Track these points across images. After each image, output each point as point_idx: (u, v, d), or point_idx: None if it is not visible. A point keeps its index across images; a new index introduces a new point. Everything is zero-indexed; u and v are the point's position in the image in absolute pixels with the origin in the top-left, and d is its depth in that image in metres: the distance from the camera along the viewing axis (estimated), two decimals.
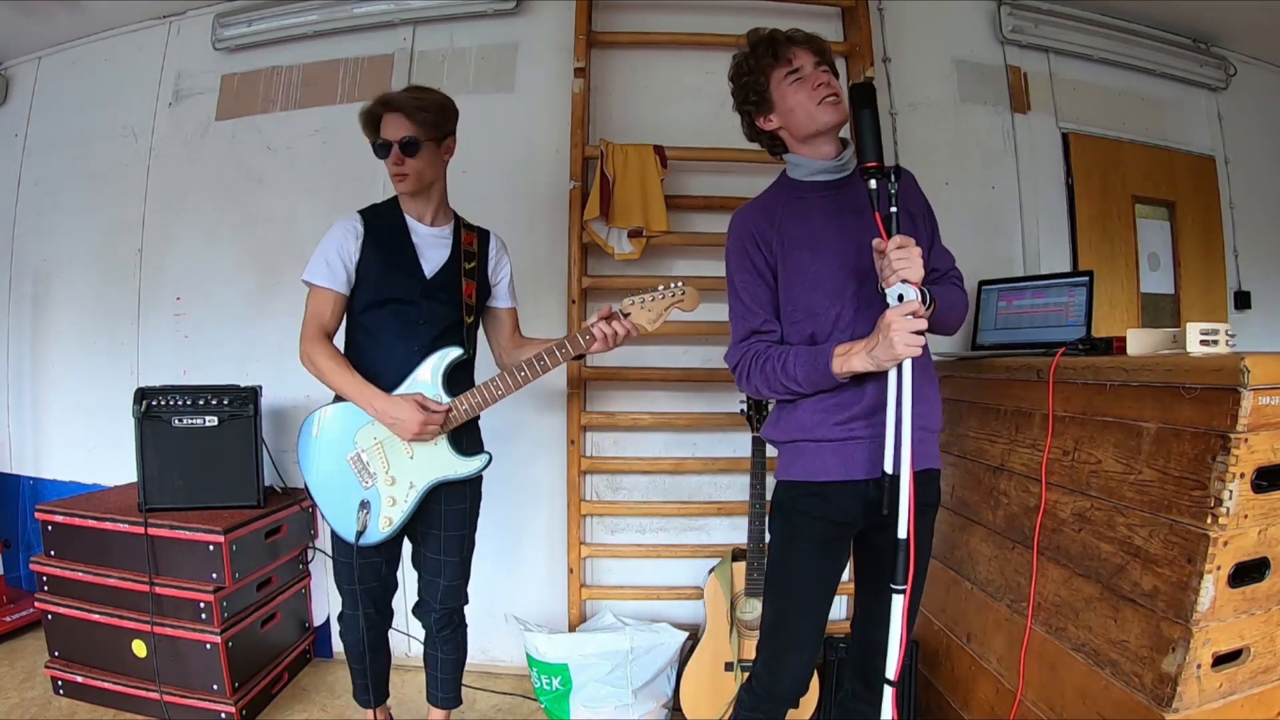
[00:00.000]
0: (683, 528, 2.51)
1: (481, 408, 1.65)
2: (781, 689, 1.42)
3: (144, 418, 2.11)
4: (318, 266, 1.62)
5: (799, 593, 1.41)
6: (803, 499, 1.39)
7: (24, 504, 2.82)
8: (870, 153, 1.24)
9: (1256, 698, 1.27)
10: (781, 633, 1.42)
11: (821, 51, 1.38)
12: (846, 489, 1.34)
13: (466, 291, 1.70)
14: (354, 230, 1.63)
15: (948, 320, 1.40)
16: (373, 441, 1.64)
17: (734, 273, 1.43)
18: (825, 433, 1.35)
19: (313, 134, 2.58)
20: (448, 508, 1.71)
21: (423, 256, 1.67)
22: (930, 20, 2.58)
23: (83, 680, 2.16)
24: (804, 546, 1.39)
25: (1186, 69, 2.74)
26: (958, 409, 2.05)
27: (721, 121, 2.50)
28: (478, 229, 1.79)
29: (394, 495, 1.64)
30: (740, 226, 1.44)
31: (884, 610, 1.28)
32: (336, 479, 1.65)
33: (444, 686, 1.85)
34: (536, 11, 2.54)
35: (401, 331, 1.63)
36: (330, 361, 1.59)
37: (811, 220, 1.40)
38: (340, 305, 1.65)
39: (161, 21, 2.74)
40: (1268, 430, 1.16)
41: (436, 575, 1.75)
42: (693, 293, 1.63)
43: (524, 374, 1.62)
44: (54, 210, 2.81)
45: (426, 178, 1.64)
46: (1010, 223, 2.59)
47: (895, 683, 1.21)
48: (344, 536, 1.64)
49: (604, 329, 1.60)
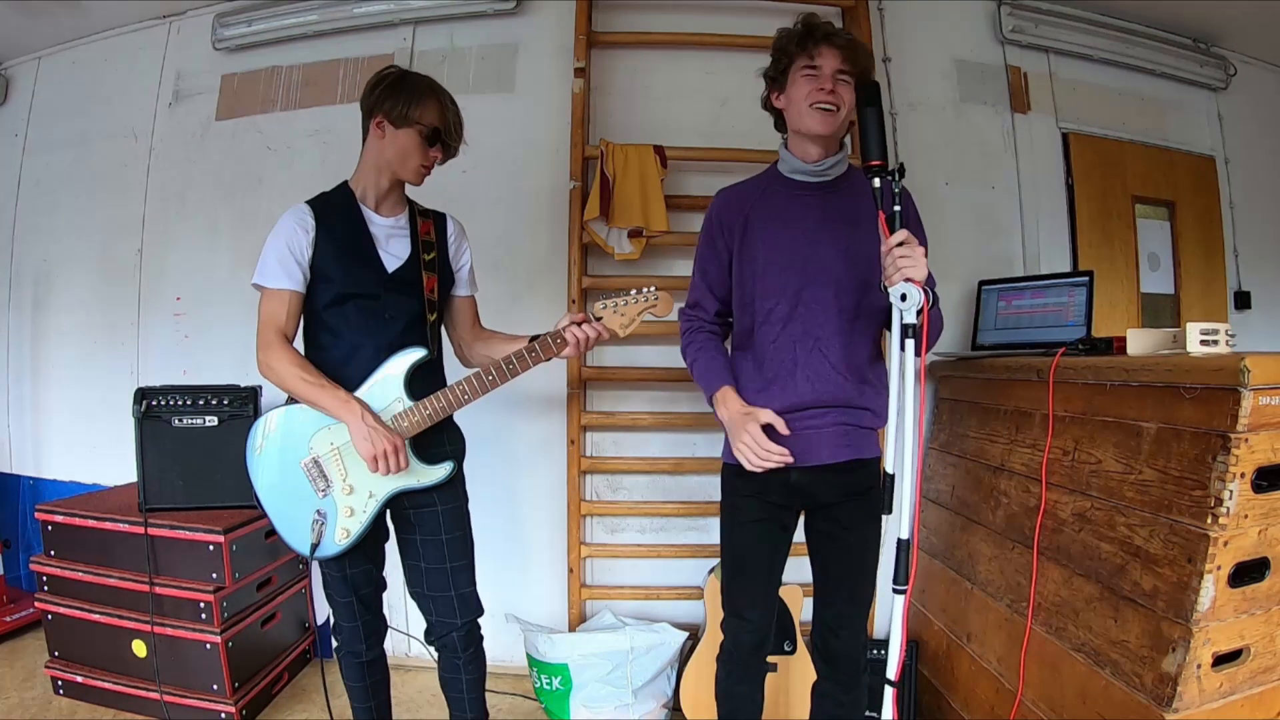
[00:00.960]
0: (683, 528, 2.50)
1: (446, 413, 1.53)
2: (746, 638, 1.55)
3: (144, 418, 2.11)
4: (269, 267, 1.47)
5: (741, 563, 1.54)
6: (736, 479, 1.50)
7: (24, 504, 2.82)
8: (874, 151, 1.24)
9: (1256, 698, 1.27)
10: (735, 595, 1.56)
11: (852, 60, 1.37)
12: (772, 476, 1.41)
13: (428, 286, 1.57)
14: (304, 223, 1.48)
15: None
16: (329, 447, 1.50)
17: (700, 244, 1.58)
18: None
19: (313, 134, 2.58)
20: (443, 507, 1.59)
21: (382, 249, 1.54)
22: (930, 20, 2.58)
23: (83, 680, 2.16)
24: (740, 522, 1.53)
25: (1186, 69, 2.74)
26: (958, 409, 2.05)
27: (721, 121, 2.52)
28: (433, 213, 1.65)
29: (351, 505, 1.50)
30: (715, 204, 1.56)
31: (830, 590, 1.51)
32: (288, 487, 1.50)
33: (474, 706, 1.69)
34: (536, 11, 2.54)
35: (368, 328, 1.51)
36: (296, 369, 1.44)
37: (778, 214, 1.46)
38: (298, 306, 1.50)
39: (161, 21, 2.74)
40: (1268, 430, 1.16)
41: (446, 589, 1.60)
42: (665, 298, 1.57)
43: (492, 377, 1.51)
44: (54, 210, 2.81)
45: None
46: (1010, 223, 2.59)
47: (896, 683, 1.21)
48: (297, 550, 1.51)
49: (576, 333, 1.53)
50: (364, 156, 1.56)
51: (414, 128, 1.49)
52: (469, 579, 1.64)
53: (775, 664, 1.99)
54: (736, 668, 1.58)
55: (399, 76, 1.51)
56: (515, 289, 2.46)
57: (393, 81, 1.50)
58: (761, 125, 2.62)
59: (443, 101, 1.52)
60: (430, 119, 1.49)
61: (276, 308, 1.47)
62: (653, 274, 2.43)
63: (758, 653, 1.58)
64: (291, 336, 1.51)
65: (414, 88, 1.49)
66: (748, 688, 1.59)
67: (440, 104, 1.51)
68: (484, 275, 2.40)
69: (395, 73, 1.52)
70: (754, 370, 1.47)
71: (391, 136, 1.49)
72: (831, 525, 1.48)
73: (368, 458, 1.43)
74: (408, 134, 1.49)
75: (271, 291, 1.48)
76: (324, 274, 1.49)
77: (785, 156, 1.49)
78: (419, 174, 1.54)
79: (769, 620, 1.58)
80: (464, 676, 1.66)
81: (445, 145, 1.53)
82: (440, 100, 1.51)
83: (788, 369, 1.43)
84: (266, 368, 1.47)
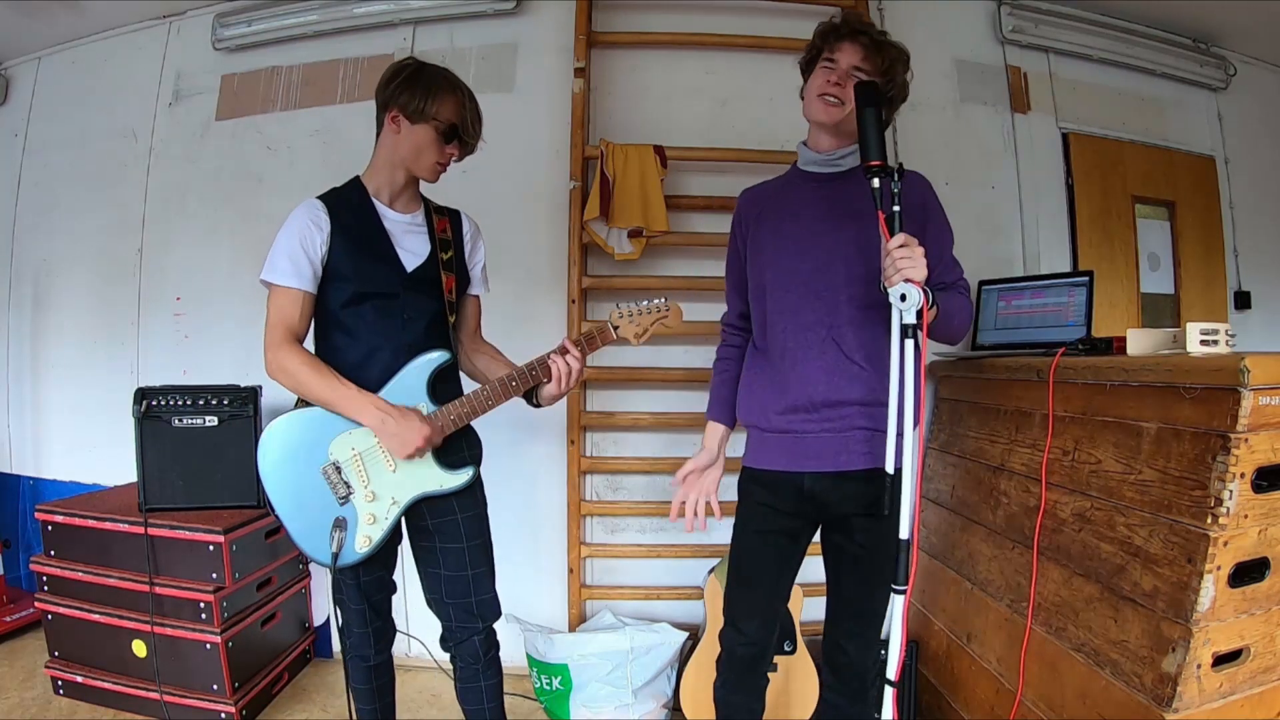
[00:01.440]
0: (682, 528, 2.50)
1: (471, 418, 1.49)
2: (739, 650, 1.51)
3: (144, 418, 2.11)
4: (280, 263, 1.40)
5: (745, 570, 1.51)
6: (749, 483, 1.50)
7: (24, 504, 2.82)
8: (873, 151, 1.23)
9: (1256, 698, 1.27)
10: (732, 603, 1.53)
11: (875, 59, 1.37)
12: (784, 480, 1.40)
13: (447, 286, 1.53)
14: (318, 220, 1.42)
15: (950, 328, 1.39)
16: (350, 453, 1.44)
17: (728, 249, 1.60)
18: (769, 422, 1.43)
19: (313, 134, 2.58)
20: (463, 515, 1.54)
21: (399, 246, 1.49)
22: (930, 20, 2.58)
23: (83, 680, 2.16)
24: (749, 530, 1.50)
25: (1186, 69, 2.74)
26: (958, 409, 2.05)
27: (721, 121, 2.52)
28: (448, 211, 1.62)
29: (374, 512, 1.45)
30: (738, 205, 1.59)
31: (842, 605, 1.46)
32: (307, 494, 1.43)
33: (494, 714, 1.65)
34: (536, 11, 2.54)
35: (386, 329, 1.46)
36: (308, 368, 1.38)
37: (788, 205, 1.47)
38: (309, 305, 1.43)
39: (161, 21, 2.74)
40: (1268, 430, 1.16)
41: (467, 595, 1.56)
42: (676, 309, 1.56)
43: (515, 383, 1.48)
44: (54, 210, 2.81)
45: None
46: (1010, 223, 2.59)
47: (896, 683, 1.21)
48: (317, 559, 1.44)
49: (560, 367, 1.46)
50: (378, 151, 1.51)
51: (430, 123, 1.43)
52: (489, 585, 1.60)
53: (776, 664, 1.99)
54: (731, 677, 1.55)
55: (416, 69, 1.46)
56: (515, 289, 2.46)
57: (410, 75, 1.44)
58: (761, 125, 2.64)
59: (461, 96, 1.46)
60: (447, 114, 1.44)
61: (287, 306, 1.41)
62: (653, 274, 2.43)
63: (754, 667, 1.53)
64: (303, 337, 1.45)
65: (431, 81, 1.44)
66: (743, 698, 1.55)
67: (458, 99, 1.46)
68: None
69: (413, 65, 1.47)
70: (768, 365, 1.44)
71: (407, 132, 1.45)
72: (847, 541, 1.42)
73: (403, 456, 1.41)
74: (423, 129, 1.44)
75: (281, 289, 1.41)
76: (339, 272, 1.43)
77: (801, 150, 1.50)
78: (434, 171, 1.50)
79: (768, 635, 1.52)
80: (483, 683, 1.62)
81: (463, 142, 1.49)
82: (458, 95, 1.46)
83: (801, 359, 1.39)
84: (278, 368, 1.40)
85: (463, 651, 1.60)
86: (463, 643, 1.59)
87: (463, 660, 1.61)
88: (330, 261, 1.43)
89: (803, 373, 1.39)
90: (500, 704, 1.67)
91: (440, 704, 2.27)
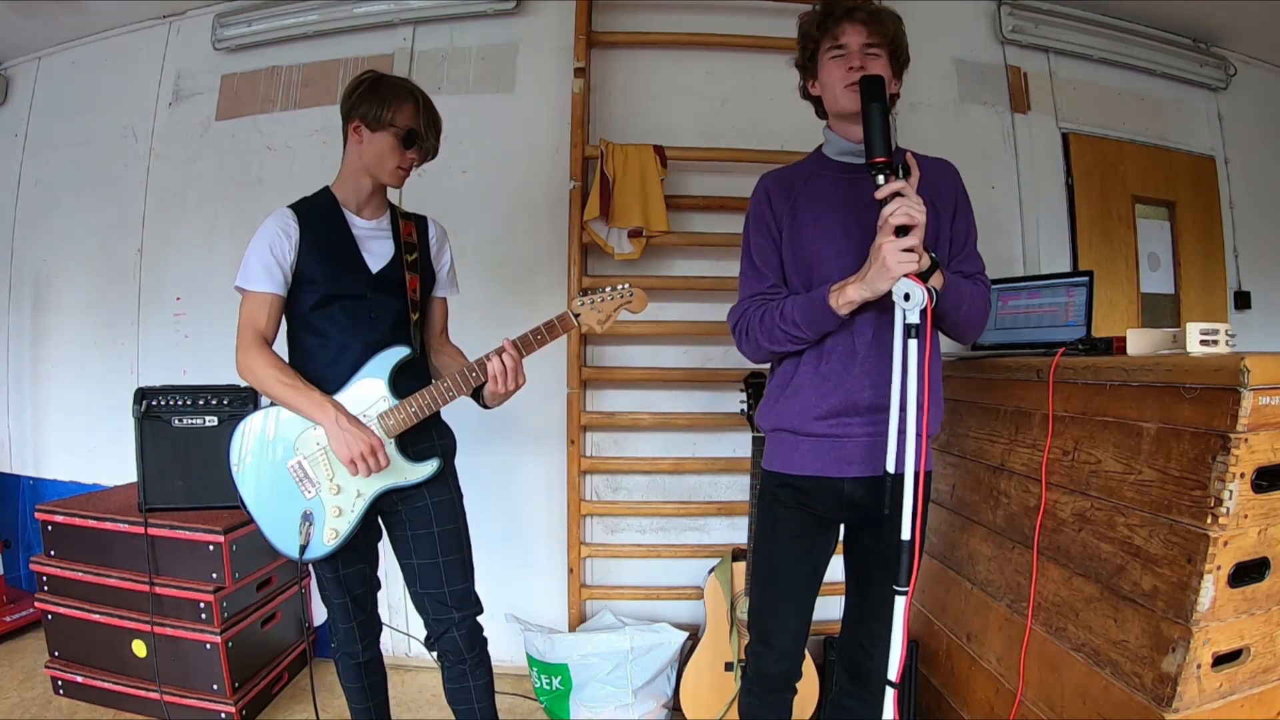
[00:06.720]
0: (683, 528, 2.51)
1: (431, 409, 1.52)
2: (771, 669, 1.46)
3: (144, 418, 2.11)
4: (251, 269, 1.48)
5: (778, 579, 1.45)
6: (779, 489, 1.42)
7: (24, 504, 2.82)
8: (879, 148, 1.22)
9: (1256, 698, 1.27)
10: (765, 615, 1.47)
11: (878, 31, 1.34)
12: (822, 485, 1.36)
13: (411, 286, 1.59)
14: (287, 228, 1.49)
15: (959, 314, 1.33)
16: (316, 447, 1.50)
17: (750, 234, 1.46)
18: (805, 426, 1.37)
19: (312, 134, 2.58)
20: (433, 500, 1.58)
21: (365, 250, 1.55)
22: (930, 20, 2.58)
23: (83, 680, 2.16)
24: (781, 535, 1.43)
25: (1186, 69, 2.74)
26: (958, 409, 2.05)
27: (721, 121, 2.52)
28: (415, 216, 1.67)
29: (339, 505, 1.50)
30: (761, 190, 1.47)
31: (868, 608, 1.39)
32: (276, 490, 1.50)
33: (484, 715, 1.66)
34: (536, 11, 2.54)
35: (353, 329, 1.52)
36: (273, 371, 1.45)
37: (828, 198, 1.39)
38: (279, 309, 1.51)
39: (161, 21, 2.74)
40: (1268, 430, 1.15)
41: (439, 585, 1.59)
42: (640, 295, 1.56)
43: (475, 375, 1.51)
44: (54, 210, 2.81)
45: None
46: (1010, 223, 2.59)
47: (896, 683, 1.20)
48: (285, 553, 1.49)
49: (495, 366, 1.48)
50: (345, 161, 1.57)
51: (389, 130, 1.49)
52: (463, 574, 1.62)
53: None
54: (758, 695, 1.49)
55: (375, 80, 1.52)
56: (515, 289, 2.46)
57: (369, 86, 1.51)
58: (761, 125, 2.64)
59: (417, 103, 1.52)
60: (405, 121, 1.50)
61: (257, 310, 1.49)
62: (653, 274, 2.43)
63: (786, 683, 1.48)
64: (271, 339, 1.52)
65: (388, 90, 1.50)
66: (772, 712, 1.50)
67: (415, 106, 1.52)
68: (484, 275, 2.42)
69: (371, 76, 1.53)
70: (811, 370, 1.37)
71: (369, 140, 1.51)
72: (876, 542, 1.37)
73: (345, 460, 1.44)
74: (383, 136, 1.50)
75: (253, 294, 1.49)
76: (308, 277, 1.50)
77: (830, 138, 1.43)
78: (397, 176, 1.55)
79: (799, 647, 1.47)
80: (471, 683, 1.62)
81: (420, 146, 1.54)
82: (415, 102, 1.52)
83: (845, 364, 1.33)
84: (245, 370, 1.48)
85: (444, 647, 1.61)
86: (442, 636, 1.60)
87: (446, 658, 1.62)
88: (300, 266, 1.50)
89: (844, 377, 1.34)
90: (491, 704, 1.67)
91: (440, 704, 2.25)
